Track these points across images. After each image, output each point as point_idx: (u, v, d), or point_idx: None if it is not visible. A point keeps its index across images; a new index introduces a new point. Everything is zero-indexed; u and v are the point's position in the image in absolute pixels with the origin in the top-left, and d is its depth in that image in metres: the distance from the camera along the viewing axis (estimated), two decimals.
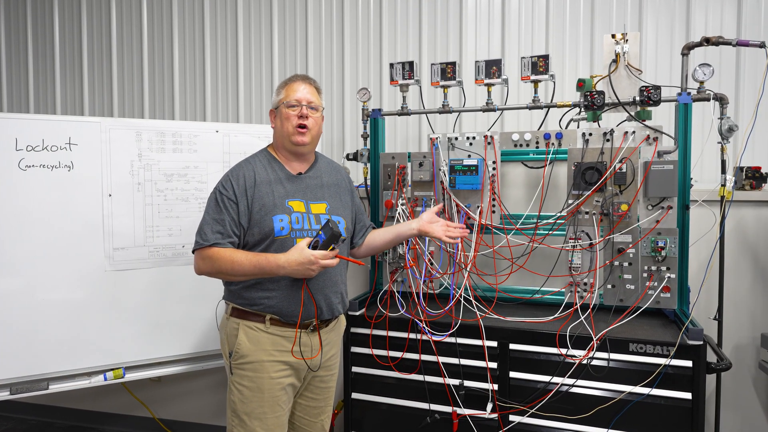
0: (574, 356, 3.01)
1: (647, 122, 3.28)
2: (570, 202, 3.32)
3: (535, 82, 3.48)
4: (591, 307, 3.27)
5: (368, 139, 3.94)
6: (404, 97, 3.81)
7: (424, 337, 3.29)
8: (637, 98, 3.26)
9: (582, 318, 3.17)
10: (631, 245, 3.25)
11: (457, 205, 3.50)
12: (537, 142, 3.48)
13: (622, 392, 2.95)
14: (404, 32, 4.57)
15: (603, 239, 3.28)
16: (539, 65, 3.42)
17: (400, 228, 3.22)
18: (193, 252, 2.79)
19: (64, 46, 5.42)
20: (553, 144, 3.43)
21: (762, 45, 3.18)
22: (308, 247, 2.62)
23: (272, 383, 2.78)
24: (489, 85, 3.55)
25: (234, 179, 2.80)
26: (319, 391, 3.04)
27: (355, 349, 3.51)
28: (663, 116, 3.75)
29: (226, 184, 2.80)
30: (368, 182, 3.95)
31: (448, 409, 3.28)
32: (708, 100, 3.25)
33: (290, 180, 2.89)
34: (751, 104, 3.83)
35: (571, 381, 3.02)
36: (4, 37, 5.61)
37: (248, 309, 2.79)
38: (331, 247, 2.62)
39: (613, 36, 3.39)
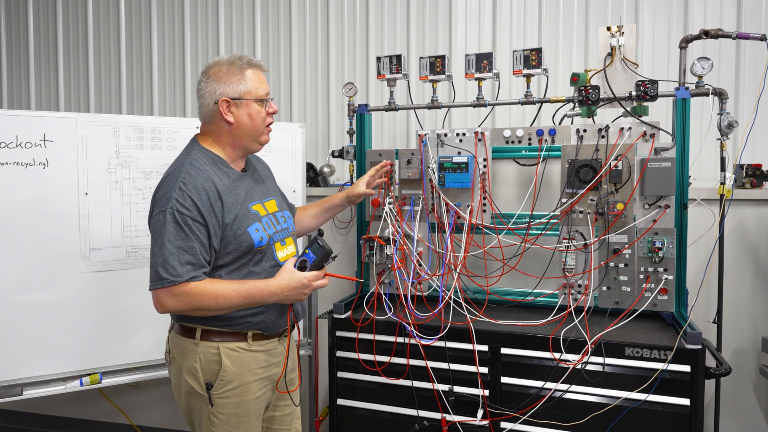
0: (568, 361, 2.98)
1: (644, 118, 3.25)
2: (564, 200, 3.29)
3: (528, 77, 3.46)
4: (585, 309, 3.23)
5: (354, 135, 3.92)
6: (392, 92, 3.79)
7: (413, 341, 3.25)
8: (634, 93, 3.24)
9: (576, 321, 3.15)
10: (627, 246, 3.21)
11: (447, 204, 3.46)
12: (529, 139, 3.45)
13: (618, 398, 2.92)
14: (392, 24, 4.56)
15: (598, 239, 3.24)
16: (532, 59, 3.40)
17: (332, 201, 3.26)
18: (153, 289, 2.39)
19: (38, 38, 5.41)
20: (546, 141, 3.40)
21: (763, 38, 3.15)
22: (296, 267, 2.49)
23: (257, 403, 2.61)
24: (480, 79, 3.54)
25: (194, 194, 2.37)
26: (288, 395, 2.88)
27: (340, 354, 3.46)
28: (660, 112, 3.80)
29: (184, 201, 2.35)
30: (354, 180, 3.91)
31: (437, 415, 3.24)
32: (707, 95, 3.23)
33: (241, 180, 2.60)
34: (751, 99, 3.83)
35: (564, 386, 2.99)
36: None
37: (226, 329, 2.53)
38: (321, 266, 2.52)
39: (609, 28, 3.37)
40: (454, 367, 3.21)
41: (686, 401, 2.84)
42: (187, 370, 2.54)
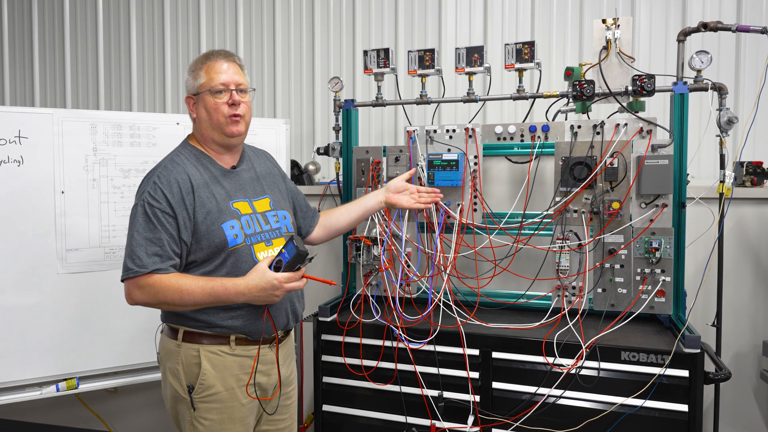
0: (562, 365, 2.96)
1: (640, 114, 3.26)
2: (557, 199, 3.27)
3: (520, 71, 3.45)
4: (580, 312, 3.22)
5: (340, 132, 3.89)
6: (379, 87, 3.76)
7: (401, 345, 3.23)
8: (630, 88, 3.22)
9: (570, 324, 3.12)
10: (623, 246, 3.20)
11: (436, 203, 3.41)
12: (522, 135, 3.44)
13: (614, 404, 2.90)
14: (379, 17, 4.59)
15: (593, 240, 3.23)
16: (524, 52, 3.38)
17: (368, 202, 3.12)
18: (122, 280, 2.46)
19: (13, 31, 5.44)
20: (539, 137, 3.39)
21: (764, 31, 3.14)
22: (270, 267, 2.46)
23: (244, 410, 2.60)
24: (470, 73, 3.51)
25: (165, 187, 2.45)
26: (285, 410, 2.88)
27: (326, 358, 3.44)
28: (657, 107, 3.80)
29: (155, 193, 2.44)
30: (340, 178, 3.91)
31: (426, 422, 3.22)
32: (706, 90, 3.21)
33: (226, 177, 2.64)
34: (752, 94, 3.83)
35: (558, 392, 2.98)
36: None
37: (207, 331, 2.55)
38: (296, 267, 2.47)
39: (604, 21, 3.35)
40: (443, 371, 3.19)
41: (684, 407, 2.82)
42: (171, 372, 2.59)
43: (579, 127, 3.26)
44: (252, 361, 2.60)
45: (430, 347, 3.19)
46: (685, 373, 2.81)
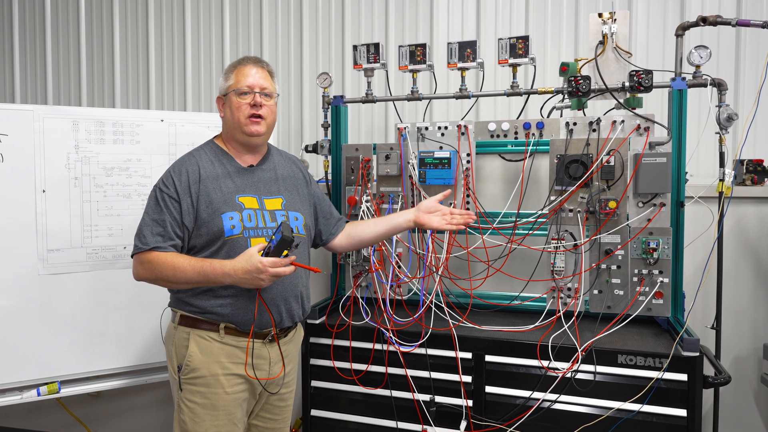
0: (557, 369, 2.95)
1: (638, 110, 3.25)
2: (552, 198, 3.27)
3: (514, 66, 3.43)
4: (575, 314, 3.22)
5: (329, 129, 3.88)
6: (369, 83, 3.75)
7: (391, 348, 3.23)
8: (627, 84, 3.22)
9: (566, 327, 3.11)
10: (619, 246, 3.20)
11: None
12: (516, 133, 3.43)
13: (610, 409, 2.89)
14: (369, 11, 4.57)
15: (589, 240, 3.23)
16: (518, 47, 3.38)
17: (396, 219, 3.07)
18: (132, 256, 2.70)
19: None
20: (533, 134, 3.38)
21: (764, 25, 3.14)
22: (262, 254, 2.50)
23: (228, 399, 2.69)
24: (463, 69, 3.52)
25: (175, 175, 2.71)
26: (279, 411, 2.96)
27: (314, 361, 3.45)
28: (655, 104, 3.77)
29: (167, 180, 2.71)
30: (329, 177, 3.89)
31: (417, 427, 3.21)
32: (705, 86, 3.20)
33: (240, 174, 2.81)
34: (752, 90, 3.80)
35: (553, 396, 2.96)
36: None
37: (200, 317, 2.69)
38: (285, 253, 2.49)
39: (600, 15, 3.35)
40: (435, 375, 3.18)
41: (683, 412, 2.81)
42: (168, 353, 2.82)
43: (575, 124, 3.26)
44: (239, 351, 2.71)
45: (422, 350, 3.18)
46: (683, 376, 2.81)
